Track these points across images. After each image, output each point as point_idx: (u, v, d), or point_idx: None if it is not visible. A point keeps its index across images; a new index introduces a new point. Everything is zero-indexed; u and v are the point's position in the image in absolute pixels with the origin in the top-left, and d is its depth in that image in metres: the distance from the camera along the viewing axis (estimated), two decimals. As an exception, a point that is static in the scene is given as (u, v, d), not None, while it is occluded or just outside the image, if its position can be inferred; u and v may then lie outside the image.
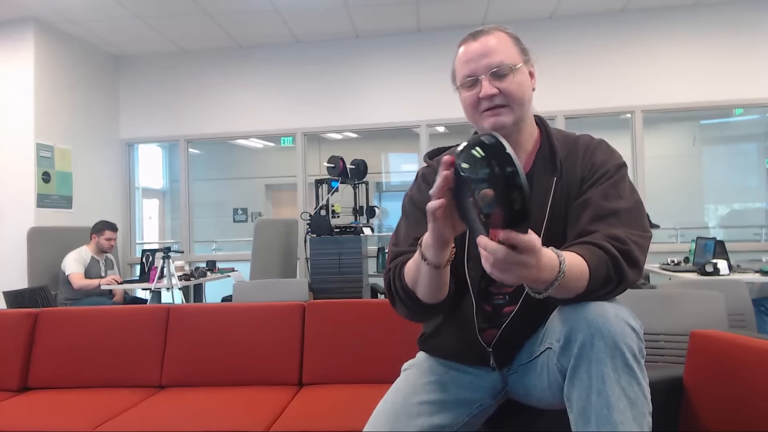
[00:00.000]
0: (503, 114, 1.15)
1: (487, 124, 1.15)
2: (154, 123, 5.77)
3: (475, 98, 1.15)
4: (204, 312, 2.48)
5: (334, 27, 5.20)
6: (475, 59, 1.15)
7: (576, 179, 1.17)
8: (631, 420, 0.95)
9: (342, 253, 4.25)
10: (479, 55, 1.15)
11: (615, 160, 1.18)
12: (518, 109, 1.16)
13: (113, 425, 1.92)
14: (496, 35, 1.17)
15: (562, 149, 1.19)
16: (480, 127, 1.19)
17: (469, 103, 1.17)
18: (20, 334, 2.46)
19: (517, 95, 1.15)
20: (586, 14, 5.06)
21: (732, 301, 2.30)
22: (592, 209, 1.11)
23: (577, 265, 0.99)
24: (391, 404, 1.22)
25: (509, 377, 1.26)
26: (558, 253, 0.96)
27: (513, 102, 1.14)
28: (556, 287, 0.95)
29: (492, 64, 1.14)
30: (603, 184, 1.13)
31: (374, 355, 2.26)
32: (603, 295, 1.03)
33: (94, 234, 4.43)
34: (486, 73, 1.14)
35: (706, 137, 6.74)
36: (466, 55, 1.17)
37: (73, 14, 4.67)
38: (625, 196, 1.13)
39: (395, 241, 1.25)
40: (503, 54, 1.15)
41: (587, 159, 1.18)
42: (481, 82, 1.14)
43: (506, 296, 1.21)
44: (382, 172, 8.00)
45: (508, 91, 1.14)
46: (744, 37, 4.89)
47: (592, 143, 1.21)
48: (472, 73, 1.15)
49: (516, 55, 1.17)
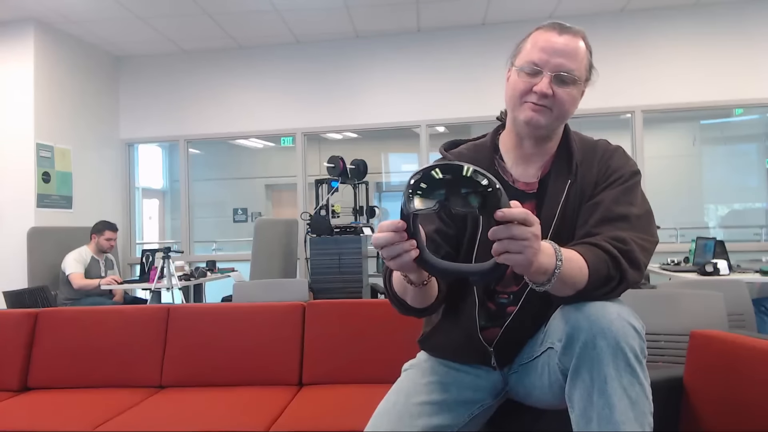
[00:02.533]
0: (542, 114, 1.14)
1: (524, 116, 1.15)
2: (154, 123, 5.77)
3: (528, 88, 1.13)
4: (204, 312, 2.48)
5: (334, 27, 5.20)
6: (551, 53, 1.12)
7: (591, 183, 1.17)
8: (633, 420, 0.95)
9: (342, 253, 4.25)
10: (556, 52, 1.12)
11: (630, 167, 1.18)
12: (558, 118, 1.16)
13: (113, 425, 1.92)
14: (578, 40, 1.15)
15: (578, 153, 1.20)
16: (514, 116, 1.18)
17: (519, 89, 1.15)
18: (20, 334, 2.46)
19: (565, 106, 1.14)
20: (586, 14, 5.06)
21: (732, 301, 2.30)
22: (601, 212, 1.12)
23: (575, 260, 1.00)
24: (393, 404, 1.22)
25: (510, 377, 1.26)
26: (551, 243, 0.98)
27: (557, 110, 1.14)
28: (557, 279, 0.95)
29: (563, 66, 1.12)
30: (615, 189, 1.14)
31: (374, 355, 2.26)
32: (604, 294, 1.03)
33: (94, 234, 4.43)
34: (553, 71, 1.12)
35: (706, 137, 6.74)
36: (545, 43, 1.13)
37: (73, 14, 4.67)
38: (636, 203, 1.13)
39: None
40: (576, 63, 1.13)
41: (603, 163, 1.18)
42: (543, 77, 1.12)
43: (510, 295, 1.21)
44: (382, 172, 8.00)
45: (560, 99, 1.13)
46: (744, 37, 4.89)
47: (609, 148, 1.22)
48: (540, 64, 1.12)
49: (584, 70, 1.16)
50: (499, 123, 1.31)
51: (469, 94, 5.20)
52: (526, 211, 0.86)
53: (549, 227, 1.14)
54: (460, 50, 5.27)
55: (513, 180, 1.23)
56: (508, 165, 1.24)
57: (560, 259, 0.95)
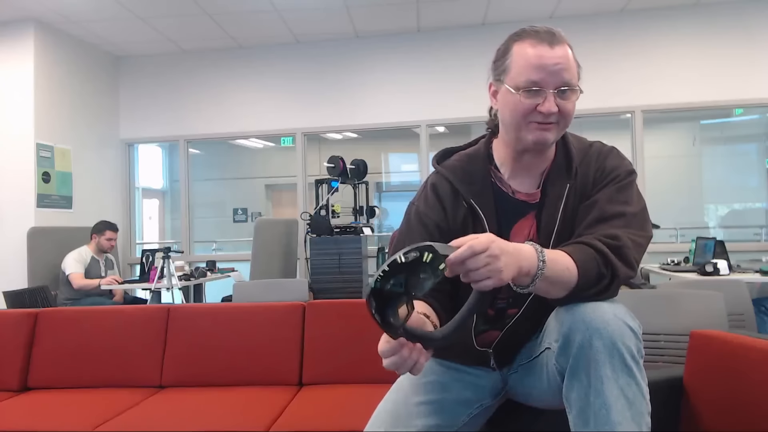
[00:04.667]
0: (551, 131, 1.12)
1: (533, 137, 1.11)
2: (154, 123, 5.77)
3: (531, 108, 1.09)
4: (204, 312, 2.48)
5: (334, 27, 5.20)
6: (550, 71, 1.08)
7: (588, 184, 1.17)
8: (630, 420, 0.95)
9: (342, 253, 4.25)
10: (555, 66, 1.08)
11: (625, 166, 1.18)
12: (563, 129, 1.15)
13: (113, 425, 1.92)
14: (566, 47, 1.12)
15: (576, 154, 1.19)
16: (520, 136, 1.14)
17: (521, 111, 1.10)
18: (20, 334, 2.46)
19: (570, 116, 1.13)
20: (586, 14, 5.05)
21: (732, 301, 2.30)
22: (596, 212, 1.12)
23: (561, 260, 1.00)
24: (392, 404, 1.22)
25: (509, 377, 1.26)
26: (533, 244, 0.99)
27: (564, 122, 1.13)
28: (541, 279, 0.97)
29: (564, 81, 1.09)
30: (610, 188, 1.14)
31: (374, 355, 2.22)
32: (597, 293, 1.03)
33: (94, 234, 4.43)
34: (555, 88, 1.09)
35: (706, 137, 6.73)
36: (541, 60, 1.08)
37: (73, 14, 4.67)
38: (631, 202, 1.13)
39: (393, 246, 1.26)
40: (572, 71, 1.11)
41: (599, 164, 1.18)
42: (547, 96, 1.08)
43: (510, 299, 1.21)
44: (382, 172, 8.00)
45: (565, 111, 1.11)
46: (744, 37, 4.88)
47: (604, 149, 1.22)
48: (542, 83, 1.08)
49: (576, 72, 1.13)
50: (489, 130, 1.28)
51: (469, 94, 5.18)
52: (467, 245, 0.89)
53: (551, 232, 1.15)
54: (460, 50, 5.27)
55: (512, 191, 1.21)
56: (505, 176, 1.22)
57: (543, 260, 0.97)
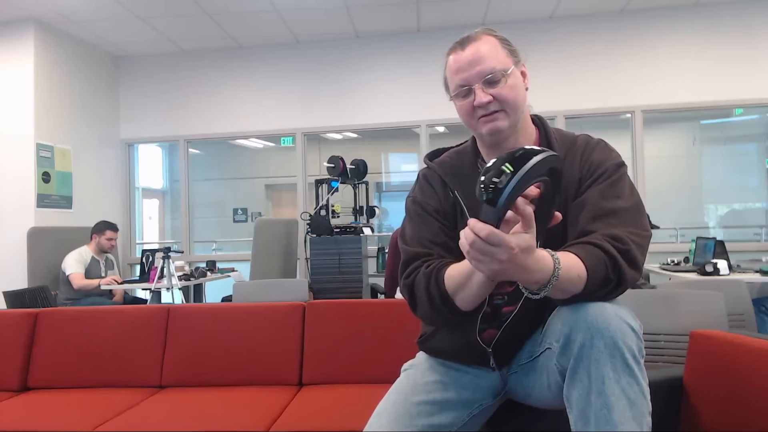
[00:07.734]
0: (499, 119, 1.16)
1: (485, 129, 1.17)
2: (154, 123, 5.77)
3: (470, 107, 1.16)
4: (204, 312, 2.48)
5: (334, 27, 5.20)
6: (466, 68, 1.15)
7: (574, 179, 1.16)
8: (631, 420, 0.95)
9: (342, 253, 4.25)
10: (469, 64, 1.15)
11: (613, 159, 1.17)
12: (513, 112, 1.16)
13: (113, 425, 1.92)
14: (484, 40, 1.17)
15: (560, 149, 1.19)
16: (478, 133, 1.21)
17: (465, 112, 1.18)
18: (20, 334, 2.46)
19: (511, 99, 1.15)
20: (586, 14, 5.05)
21: (732, 301, 2.30)
22: (590, 209, 1.11)
23: (574, 267, 0.99)
24: (392, 404, 1.22)
25: (509, 377, 1.26)
26: (553, 254, 0.97)
27: (508, 106, 1.15)
28: (552, 288, 0.96)
29: (484, 71, 1.14)
30: (601, 184, 1.13)
31: (374, 355, 2.26)
32: (601, 296, 1.02)
33: (95, 234, 4.43)
34: (478, 81, 1.14)
35: (706, 137, 6.73)
36: (457, 64, 1.17)
37: (73, 14, 4.67)
38: (623, 195, 1.12)
39: (404, 240, 1.26)
40: (494, 60, 1.15)
41: (585, 158, 1.18)
42: (475, 90, 1.15)
43: (505, 296, 1.21)
44: (382, 172, 8.00)
45: (501, 97, 1.14)
46: (744, 37, 4.89)
47: (590, 142, 1.21)
48: (464, 83, 1.16)
49: (505, 58, 1.16)
50: None
51: (469, 94, 5.19)
52: (492, 232, 0.87)
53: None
54: (460, 50, 5.26)
55: None
56: None
57: (556, 275, 0.96)
